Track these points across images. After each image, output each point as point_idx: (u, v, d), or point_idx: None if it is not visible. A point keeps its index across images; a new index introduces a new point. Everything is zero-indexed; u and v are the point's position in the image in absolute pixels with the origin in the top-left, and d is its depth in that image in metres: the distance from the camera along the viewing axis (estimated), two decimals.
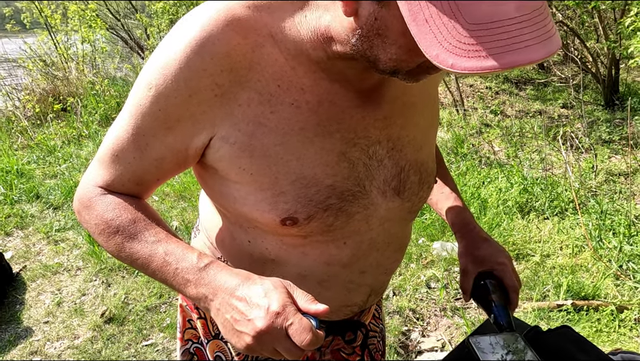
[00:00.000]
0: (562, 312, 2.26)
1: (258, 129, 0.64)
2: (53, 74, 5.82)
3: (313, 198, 0.67)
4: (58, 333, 2.31)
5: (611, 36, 4.51)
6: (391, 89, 0.71)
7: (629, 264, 2.50)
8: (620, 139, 4.13)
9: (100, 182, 0.71)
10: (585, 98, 5.13)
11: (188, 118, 0.64)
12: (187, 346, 1.00)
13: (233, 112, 0.63)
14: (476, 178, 3.53)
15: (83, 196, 0.72)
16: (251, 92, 0.63)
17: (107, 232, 0.69)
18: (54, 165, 4.22)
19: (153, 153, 0.67)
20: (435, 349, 2.14)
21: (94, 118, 5.14)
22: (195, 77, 0.61)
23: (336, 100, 0.67)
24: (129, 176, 0.70)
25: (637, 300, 2.30)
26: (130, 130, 0.66)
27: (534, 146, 4.04)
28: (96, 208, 0.70)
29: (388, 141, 0.72)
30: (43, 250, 3.00)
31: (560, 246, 2.78)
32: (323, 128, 0.66)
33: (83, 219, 0.73)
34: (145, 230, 0.68)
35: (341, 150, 0.68)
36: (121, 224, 0.68)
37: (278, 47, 0.63)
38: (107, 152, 0.70)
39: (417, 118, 0.76)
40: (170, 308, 2.43)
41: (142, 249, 0.67)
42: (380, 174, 0.72)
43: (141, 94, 0.64)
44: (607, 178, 3.50)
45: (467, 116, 4.85)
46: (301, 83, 0.64)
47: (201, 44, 0.60)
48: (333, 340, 0.93)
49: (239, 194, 0.69)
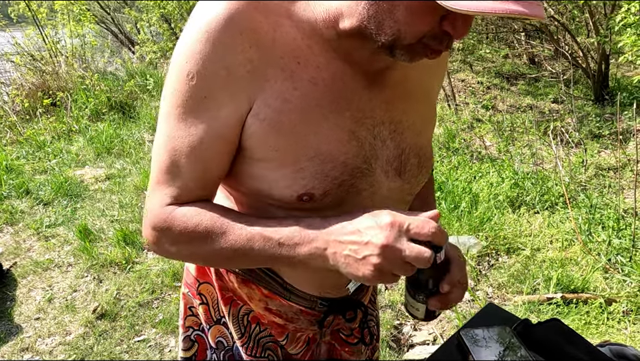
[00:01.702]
0: (552, 305, 2.29)
1: (284, 105, 0.66)
2: (41, 68, 5.75)
3: (329, 175, 0.69)
4: (49, 329, 2.30)
5: (601, 32, 4.54)
6: (394, 75, 0.74)
7: (617, 258, 2.54)
8: (609, 134, 4.17)
9: (167, 200, 0.70)
10: (575, 93, 5.16)
11: (228, 98, 0.65)
12: (187, 333, 1.00)
13: (263, 88, 0.65)
14: (467, 172, 3.55)
15: (157, 223, 0.70)
16: (276, 69, 0.65)
17: (197, 240, 0.69)
18: (44, 160, 4.17)
19: (209, 151, 0.67)
20: (427, 342, 2.16)
21: (84, 113, 5.08)
22: (228, 53, 0.62)
23: (346, 79, 0.69)
24: (194, 183, 0.69)
25: (625, 293, 2.33)
26: (180, 132, 0.66)
27: (525, 140, 4.07)
28: (176, 224, 0.69)
29: (390, 123, 0.74)
30: (34, 247, 2.98)
31: (550, 240, 2.81)
32: (336, 106, 0.69)
33: (167, 242, 0.71)
34: (232, 220, 0.68)
35: (351, 128, 0.70)
36: (208, 226, 0.68)
37: (295, 26, 0.66)
38: (163, 169, 0.69)
39: (416, 105, 0.79)
40: (162, 304, 2.43)
41: (238, 238, 0.67)
42: (383, 154, 0.74)
43: (182, 87, 0.64)
44: (596, 173, 3.54)
45: (458, 111, 4.87)
46: (317, 61, 0.67)
47: (228, 21, 0.62)
48: (334, 319, 0.94)
49: (260, 172, 0.70)
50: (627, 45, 3.24)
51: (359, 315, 0.98)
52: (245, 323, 0.92)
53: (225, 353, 0.97)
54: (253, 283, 0.87)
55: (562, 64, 5.54)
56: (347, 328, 1.00)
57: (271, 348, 0.94)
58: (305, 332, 0.96)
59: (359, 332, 1.00)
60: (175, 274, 2.60)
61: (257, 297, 0.89)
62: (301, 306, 0.89)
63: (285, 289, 0.87)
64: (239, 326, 0.92)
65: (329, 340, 1.03)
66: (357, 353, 1.03)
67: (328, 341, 1.03)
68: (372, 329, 1.05)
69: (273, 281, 0.86)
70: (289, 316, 0.91)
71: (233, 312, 0.91)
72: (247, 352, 0.93)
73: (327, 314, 0.92)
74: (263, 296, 0.88)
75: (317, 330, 0.96)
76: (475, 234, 2.85)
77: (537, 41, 6.35)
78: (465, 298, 2.41)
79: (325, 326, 0.95)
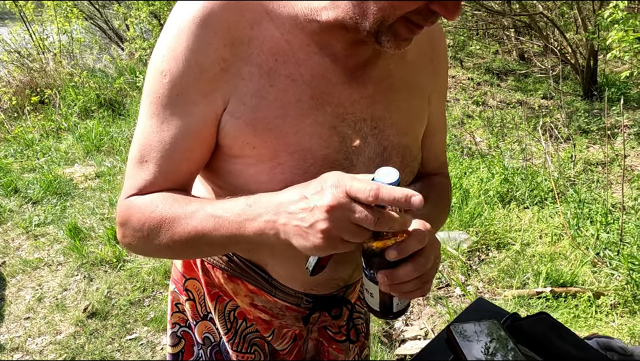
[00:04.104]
0: (541, 299, 2.32)
1: (260, 102, 0.66)
2: (29, 65, 5.68)
3: (308, 170, 0.69)
4: (39, 329, 2.28)
5: (589, 28, 4.58)
6: (376, 71, 0.74)
7: (605, 252, 2.57)
8: (598, 129, 4.21)
9: (130, 192, 0.70)
10: (564, 89, 5.21)
11: (202, 97, 0.65)
12: (174, 330, 1.00)
13: (238, 86, 0.66)
14: (458, 168, 3.57)
15: (120, 217, 0.70)
16: (252, 67, 0.65)
17: (152, 229, 0.67)
18: (32, 159, 4.13)
19: (179, 146, 0.67)
20: (418, 337, 2.18)
21: (73, 110, 5.03)
22: (202, 52, 0.63)
23: (327, 74, 0.69)
24: (162, 177, 0.69)
25: (613, 286, 2.37)
26: (152, 128, 0.68)
27: (515, 136, 4.10)
28: (133, 215, 0.69)
29: (372, 120, 0.74)
30: (23, 246, 2.95)
31: (539, 235, 2.84)
32: (317, 102, 0.69)
33: (129, 237, 0.70)
34: (185, 205, 0.66)
35: (332, 124, 0.70)
36: (162, 212, 0.66)
37: (274, 23, 0.66)
38: (133, 163, 0.69)
39: (401, 103, 0.77)
40: (154, 302, 2.42)
41: (190, 221, 0.65)
42: (365, 150, 0.74)
43: (157, 85, 0.66)
44: (585, 168, 3.57)
45: (449, 108, 4.89)
46: (295, 57, 0.67)
47: (203, 20, 0.63)
48: (320, 315, 0.95)
49: (237, 167, 0.71)
50: (614, 41, 3.27)
51: (345, 312, 0.98)
52: (231, 319, 0.92)
53: (212, 348, 0.97)
54: (239, 279, 0.88)
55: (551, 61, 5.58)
56: (334, 325, 1.00)
57: (258, 344, 0.94)
58: (290, 328, 0.96)
59: (346, 329, 1.00)
60: (167, 272, 2.59)
61: (243, 293, 0.89)
62: (286, 303, 0.90)
63: (270, 285, 0.87)
64: (225, 321, 0.92)
65: (316, 336, 1.03)
66: (344, 350, 1.03)
67: (315, 338, 1.03)
68: (359, 326, 1.05)
69: (259, 276, 0.87)
70: (274, 312, 0.91)
71: (219, 307, 0.92)
72: (233, 348, 0.93)
73: (312, 310, 0.92)
74: (249, 291, 0.88)
75: (303, 327, 0.97)
76: (466, 230, 2.87)
77: (527, 37, 6.39)
78: (455, 293, 2.43)
79: (310, 323, 0.95)
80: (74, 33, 6.54)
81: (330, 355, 1.03)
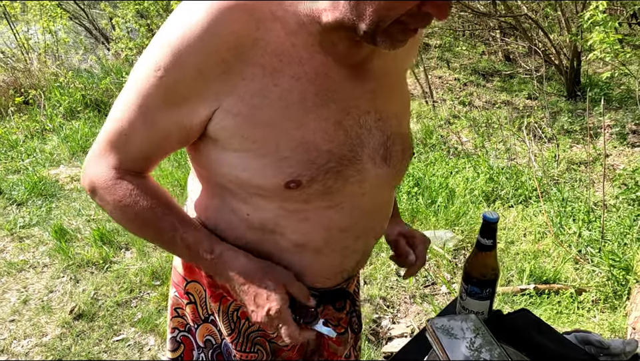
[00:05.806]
0: (525, 295, 2.36)
1: (262, 101, 0.68)
2: (13, 65, 5.60)
3: (315, 161, 0.72)
4: (25, 331, 2.26)
5: (572, 29, 4.65)
6: (375, 67, 0.78)
7: (587, 249, 2.62)
8: (581, 129, 4.28)
9: (113, 162, 0.76)
10: (548, 90, 5.29)
11: (194, 95, 0.67)
12: (173, 335, 1.01)
13: (238, 86, 0.67)
14: (444, 168, 3.61)
15: (100, 177, 0.77)
16: (255, 68, 0.67)
17: (126, 217, 0.78)
18: (17, 160, 4.08)
19: (160, 130, 0.72)
20: (405, 335, 2.20)
21: (58, 111, 4.98)
22: (203, 59, 0.64)
23: (330, 72, 0.72)
24: (140, 154, 0.75)
25: (594, 283, 2.42)
26: (138, 109, 0.70)
27: (500, 136, 4.15)
28: (115, 192, 0.76)
29: (375, 112, 0.78)
30: (7, 248, 2.92)
31: (524, 233, 2.89)
32: (321, 99, 0.71)
33: (100, 198, 0.79)
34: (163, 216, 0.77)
35: (337, 119, 0.73)
36: (139, 211, 0.76)
37: (279, 23, 0.67)
38: (116, 132, 0.73)
39: (397, 94, 0.84)
40: (141, 303, 2.41)
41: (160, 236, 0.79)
42: (370, 142, 0.77)
43: (148, 73, 0.67)
44: (568, 167, 3.64)
45: (436, 108, 4.93)
46: (299, 57, 0.69)
47: (208, 25, 0.63)
48: (324, 308, 0.96)
49: (240, 161, 0.72)
50: (596, 42, 3.33)
51: (347, 304, 0.99)
52: (234, 319, 0.93)
53: (213, 351, 0.97)
54: None
55: (536, 61, 5.66)
56: (334, 318, 1.01)
57: (260, 343, 0.95)
58: None
59: (346, 321, 1.01)
60: (154, 273, 2.58)
61: None
62: None
63: None
64: (229, 322, 0.93)
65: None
66: (343, 342, 1.05)
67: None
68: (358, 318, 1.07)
69: None
70: None
71: (222, 308, 0.92)
72: (237, 348, 0.93)
73: (317, 304, 0.93)
74: None
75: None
76: (451, 229, 2.91)
77: (512, 38, 6.47)
78: (441, 291, 2.46)
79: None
80: (59, 33, 6.46)
81: (330, 348, 1.04)
